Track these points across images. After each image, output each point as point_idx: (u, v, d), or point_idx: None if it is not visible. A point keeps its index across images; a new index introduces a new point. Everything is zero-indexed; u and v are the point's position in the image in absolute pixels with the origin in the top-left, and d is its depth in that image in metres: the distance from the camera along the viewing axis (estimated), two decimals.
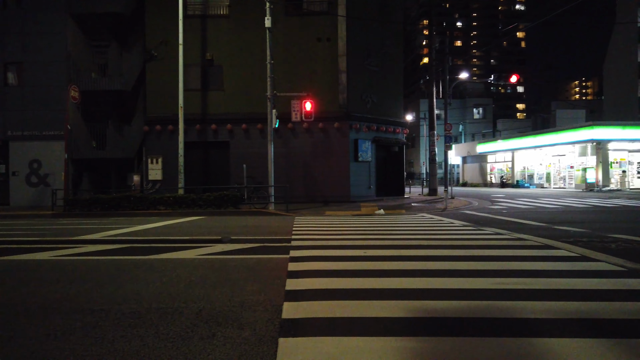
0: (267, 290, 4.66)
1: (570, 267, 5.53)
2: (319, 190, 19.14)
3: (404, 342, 3.16)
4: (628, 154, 28.80)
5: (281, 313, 3.86)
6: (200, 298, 4.39)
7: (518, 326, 3.45)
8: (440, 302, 4.11)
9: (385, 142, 21.42)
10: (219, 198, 15.28)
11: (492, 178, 40.55)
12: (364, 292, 4.45)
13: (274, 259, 6.32)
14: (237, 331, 3.45)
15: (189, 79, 18.40)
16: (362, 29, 19.79)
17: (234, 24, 19.24)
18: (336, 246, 7.38)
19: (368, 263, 5.89)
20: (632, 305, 3.93)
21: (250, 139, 19.13)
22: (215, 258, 6.51)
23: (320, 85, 18.75)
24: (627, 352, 2.93)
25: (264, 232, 9.75)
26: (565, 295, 4.25)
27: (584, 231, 8.98)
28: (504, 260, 5.96)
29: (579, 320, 3.56)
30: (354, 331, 3.39)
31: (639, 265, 5.56)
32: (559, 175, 32.54)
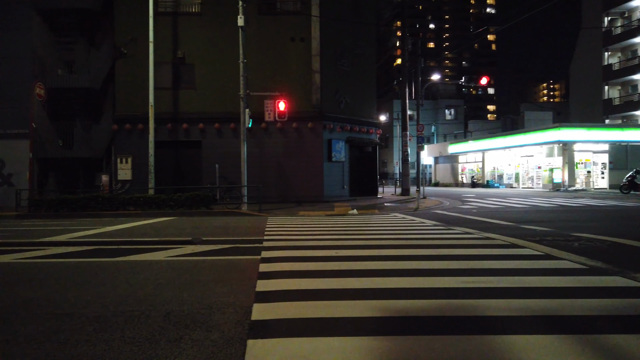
0: (237, 291, 4.62)
1: (535, 265, 5.68)
2: (292, 191, 19.11)
3: (373, 341, 3.19)
4: (592, 154, 29.76)
5: (251, 314, 3.84)
6: (168, 300, 4.33)
7: (484, 324, 3.53)
8: (409, 301, 4.16)
9: (359, 142, 21.55)
10: (190, 198, 15.08)
11: (463, 178, 41.29)
12: (335, 293, 4.46)
13: (245, 260, 6.28)
14: (205, 333, 3.41)
15: (159, 77, 18.09)
16: (335, 29, 19.85)
17: (206, 22, 19.02)
18: (308, 247, 7.38)
19: (340, 263, 5.92)
20: (592, 302, 4.06)
21: (223, 139, 18.94)
22: (185, 259, 6.42)
23: (293, 85, 18.72)
24: (587, 347, 3.02)
25: (236, 232, 9.68)
26: (529, 293, 4.36)
27: (549, 230, 9.23)
28: (472, 260, 6.08)
29: (542, 317, 3.66)
30: (324, 331, 3.40)
31: (599, 263, 5.75)
32: (527, 175, 33.37)
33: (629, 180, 23.56)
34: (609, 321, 3.54)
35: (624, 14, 42.06)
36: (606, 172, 29.65)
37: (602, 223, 10.60)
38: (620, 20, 42.46)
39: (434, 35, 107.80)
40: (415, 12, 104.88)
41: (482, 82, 24.89)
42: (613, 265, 5.57)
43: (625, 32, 41.37)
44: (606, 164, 29.69)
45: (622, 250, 6.82)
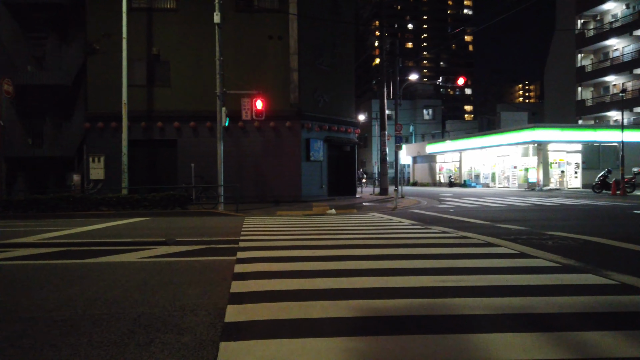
0: (211, 293, 4.52)
1: (510, 264, 5.73)
2: (270, 190, 18.97)
3: (348, 342, 3.14)
4: (566, 154, 30.42)
5: (224, 316, 3.75)
6: (139, 303, 4.20)
7: (459, 322, 3.52)
8: (386, 300, 4.13)
9: (337, 141, 21.54)
10: (165, 198, 14.81)
11: (441, 178, 41.75)
12: (311, 293, 4.41)
13: (220, 261, 6.17)
14: (176, 336, 3.31)
15: (133, 74, 17.73)
16: (313, 28, 19.79)
17: (181, 19, 18.73)
18: (285, 247, 7.30)
19: (316, 263, 5.86)
20: (565, 299, 4.10)
21: (199, 138, 18.69)
22: (158, 261, 6.27)
23: (271, 84, 18.59)
24: (560, 344, 3.03)
25: (212, 233, 9.53)
26: (504, 292, 4.38)
27: (523, 229, 9.36)
28: (449, 258, 6.10)
29: (516, 315, 3.67)
30: (299, 333, 3.34)
31: (573, 261, 5.84)
32: (503, 175, 33.92)
33: (601, 179, 24.14)
34: (581, 318, 3.58)
35: (596, 17, 43.18)
36: (579, 172, 30.34)
37: (575, 222, 10.80)
38: (592, 23, 43.56)
39: (412, 36, 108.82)
40: (394, 12, 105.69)
41: (459, 82, 25.20)
42: (586, 263, 5.65)
43: (597, 34, 42.46)
44: (579, 163, 30.39)
45: (595, 248, 6.94)
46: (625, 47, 40.49)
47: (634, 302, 4.03)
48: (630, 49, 39.76)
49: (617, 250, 6.69)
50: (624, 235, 8.18)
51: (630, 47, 39.74)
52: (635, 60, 38.31)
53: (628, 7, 39.94)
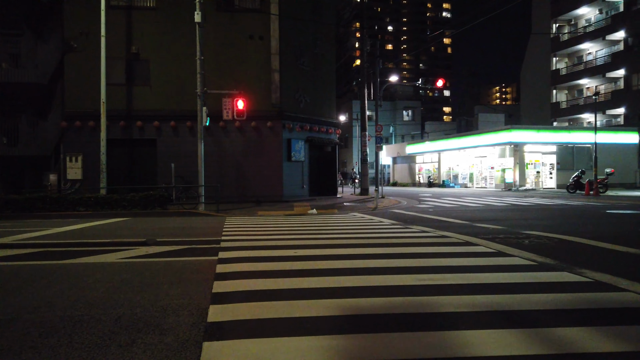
0: (192, 293, 4.51)
1: (488, 262, 5.85)
2: (251, 190, 18.92)
3: (331, 340, 3.18)
4: (542, 155, 31.06)
5: (207, 316, 3.76)
6: (120, 304, 4.17)
7: (438, 320, 3.59)
8: (366, 299, 4.19)
9: (319, 142, 21.60)
10: (145, 198, 14.64)
11: (420, 178, 42.17)
12: (293, 292, 4.44)
13: (201, 261, 6.15)
14: (158, 337, 3.31)
15: (112, 73, 17.48)
16: (294, 28, 19.81)
17: (161, 17, 18.53)
18: (267, 247, 7.31)
19: (298, 263, 5.89)
20: (541, 296, 4.22)
21: (179, 137, 18.52)
22: (138, 261, 6.22)
23: (253, 84, 18.54)
24: (535, 340, 3.13)
25: (193, 233, 9.47)
26: (482, 289, 4.48)
27: (501, 228, 9.55)
28: (428, 257, 6.20)
29: (493, 312, 3.76)
30: (282, 332, 3.37)
31: (548, 259, 5.99)
32: (481, 175, 34.45)
33: (575, 180, 24.73)
34: (558, 315, 3.69)
35: (571, 21, 44.22)
36: (554, 173, 31.02)
37: (551, 221, 11.07)
38: (567, 27, 44.59)
39: (392, 38, 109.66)
40: (374, 13, 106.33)
41: (438, 84, 25.51)
42: (561, 262, 5.81)
43: (571, 38, 43.48)
44: (554, 164, 31.06)
45: (569, 247, 7.13)
46: (598, 51, 41.57)
47: (607, 298, 4.16)
48: (603, 53, 40.83)
49: (590, 249, 6.89)
50: (597, 234, 8.42)
51: (603, 51, 40.81)
52: (608, 64, 39.35)
53: (601, 12, 41.01)
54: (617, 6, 39.12)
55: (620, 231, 9.08)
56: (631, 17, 36.70)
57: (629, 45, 37.28)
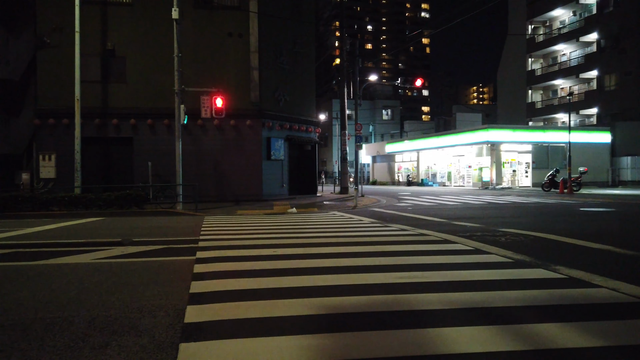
0: (169, 294, 4.44)
1: (466, 260, 5.91)
2: (230, 189, 18.76)
3: (309, 339, 3.16)
4: (517, 155, 31.62)
5: (184, 317, 3.70)
6: (94, 305, 4.08)
7: (417, 317, 3.61)
8: (346, 298, 4.18)
9: (298, 140, 21.55)
10: (121, 198, 14.37)
11: (400, 177, 42.48)
12: (272, 292, 4.40)
13: (178, 261, 6.06)
14: (133, 339, 3.24)
15: (87, 69, 17.09)
16: (274, 26, 19.71)
17: (138, 13, 18.20)
18: (246, 246, 7.25)
19: (277, 262, 5.85)
20: (517, 293, 4.28)
21: (156, 135, 18.23)
22: (113, 262, 6.09)
23: (231, 82, 18.38)
24: (511, 336, 3.16)
25: (170, 233, 9.34)
26: (459, 287, 4.52)
27: (478, 226, 9.68)
28: (407, 255, 6.23)
29: (471, 309, 3.80)
30: (260, 332, 3.33)
31: (524, 256, 6.09)
32: (458, 174, 34.90)
33: (550, 178, 25.25)
34: (532, 311, 3.74)
35: (546, 22, 45.11)
36: (530, 171, 31.62)
37: (526, 219, 11.26)
38: (542, 29, 45.49)
39: (372, 37, 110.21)
40: (354, 13, 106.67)
41: (417, 83, 25.73)
42: (536, 259, 5.91)
43: (546, 39, 44.37)
44: (530, 163, 31.66)
45: (544, 244, 7.26)
46: (572, 52, 42.51)
47: (581, 294, 4.24)
48: (576, 54, 41.78)
49: (564, 246, 7.03)
50: (571, 231, 8.60)
51: (577, 53, 41.76)
52: (582, 65, 40.28)
53: (575, 14, 41.96)
54: (590, 8, 40.07)
55: (593, 228, 9.30)
56: (604, 20, 37.64)
57: (602, 46, 38.24)
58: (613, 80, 37.43)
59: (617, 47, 36.61)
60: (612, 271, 5.14)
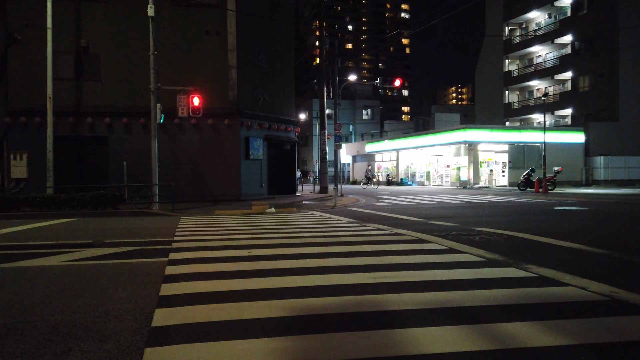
0: (138, 297, 4.34)
1: (440, 259, 5.95)
2: (208, 189, 18.56)
3: (278, 342, 3.13)
4: (494, 154, 32.07)
5: (151, 321, 3.62)
6: (59, 310, 3.96)
7: (388, 318, 3.60)
8: (319, 299, 4.15)
9: (278, 140, 21.46)
10: (95, 198, 14.08)
11: (380, 176, 42.68)
12: (244, 294, 4.35)
13: (150, 263, 5.94)
14: (97, 344, 3.15)
15: (60, 66, 16.69)
16: (252, 25, 19.56)
17: (113, 10, 17.85)
18: (221, 247, 7.17)
19: (252, 263, 5.79)
20: (488, 292, 4.31)
21: (132, 135, 17.91)
22: (82, 264, 5.94)
23: (209, 80, 18.17)
24: (481, 336, 3.18)
25: (144, 234, 9.17)
26: (432, 286, 4.54)
27: (454, 225, 9.76)
28: (382, 255, 6.23)
29: (442, 309, 3.81)
30: (229, 335, 3.28)
31: (497, 255, 6.16)
32: (437, 173, 35.23)
33: (525, 178, 25.68)
34: (501, 310, 3.77)
35: (522, 24, 45.87)
36: (506, 171, 32.09)
37: (501, 218, 11.41)
38: (519, 30, 46.24)
39: (352, 37, 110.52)
40: (334, 12, 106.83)
41: (396, 83, 25.88)
42: (508, 258, 5.98)
43: (523, 41, 45.13)
44: (506, 163, 32.14)
45: (517, 243, 7.35)
46: (547, 54, 43.32)
47: (549, 293, 4.30)
48: (552, 55, 42.59)
49: (537, 245, 7.13)
50: (544, 230, 8.74)
51: (552, 54, 42.57)
52: (557, 67, 41.07)
53: (550, 16, 42.76)
54: (565, 11, 40.87)
55: (565, 227, 9.47)
56: (578, 22, 38.45)
57: (576, 48, 39.05)
58: (587, 81, 38.28)
59: (590, 49, 37.44)
60: (581, 269, 5.23)
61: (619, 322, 3.46)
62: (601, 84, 36.67)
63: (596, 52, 36.83)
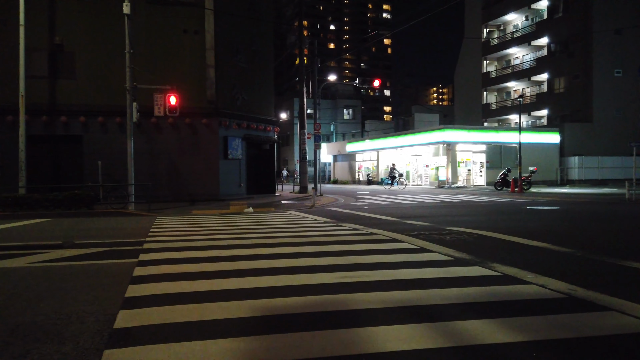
0: (103, 298, 4.32)
1: (409, 258, 6.04)
2: (186, 189, 18.41)
3: (240, 343, 3.15)
4: (472, 154, 32.48)
5: (114, 322, 3.61)
6: (20, 312, 3.92)
7: (351, 317, 3.66)
8: (285, 299, 4.19)
9: (257, 139, 21.40)
10: (69, 198, 13.86)
11: (360, 176, 42.87)
12: (210, 294, 4.36)
13: (119, 264, 5.90)
14: (56, 346, 3.13)
15: (33, 64, 16.39)
16: (231, 24, 19.47)
17: (88, 7, 17.54)
18: (193, 247, 7.14)
19: (222, 264, 5.80)
20: (451, 291, 4.40)
21: (107, 134, 17.66)
22: (50, 265, 5.87)
23: (187, 80, 18.01)
24: (439, 333, 3.25)
25: (117, 234, 9.08)
26: (398, 285, 4.61)
27: (427, 225, 9.89)
28: (353, 255, 6.30)
29: (405, 307, 3.88)
30: (192, 336, 3.29)
31: (465, 254, 6.27)
32: (416, 173, 35.54)
33: (502, 178, 26.10)
34: (462, 308, 3.86)
35: (500, 26, 46.59)
36: (484, 171, 32.55)
37: (475, 217, 11.59)
38: (497, 32, 46.96)
39: (334, 37, 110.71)
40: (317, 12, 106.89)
41: (375, 84, 26.04)
42: (476, 256, 6.09)
43: (500, 43, 45.85)
44: (484, 163, 32.60)
45: (486, 242, 7.50)
46: (524, 56, 44.08)
47: (512, 291, 4.41)
48: (529, 57, 43.35)
49: (505, 244, 7.28)
50: (515, 229, 8.92)
51: (529, 56, 43.33)
52: (533, 68, 41.83)
53: (527, 19, 43.52)
54: (541, 14, 41.64)
55: (536, 226, 9.67)
56: (554, 25, 39.21)
57: (552, 51, 39.82)
58: (562, 83, 39.07)
59: (565, 52, 38.23)
60: (544, 268, 5.37)
61: (573, 319, 3.58)
62: (576, 85, 37.48)
63: (571, 54, 37.63)
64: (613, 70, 36.16)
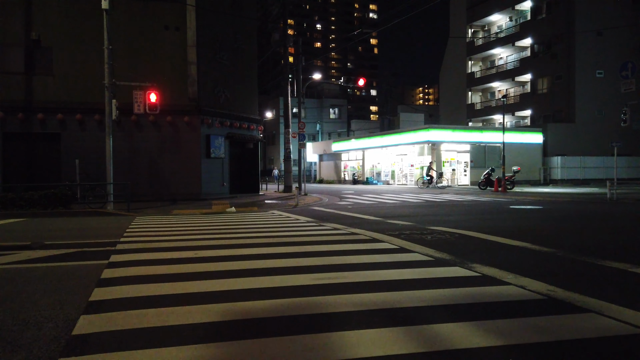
0: (66, 302, 4.11)
1: (388, 259, 5.91)
2: (167, 188, 18.11)
3: (206, 349, 2.99)
4: (457, 154, 32.63)
5: (73, 328, 3.41)
6: None
7: (324, 321, 3.51)
8: (255, 302, 4.03)
9: (240, 138, 21.16)
10: (45, 197, 13.49)
11: (346, 175, 42.81)
12: (179, 298, 4.18)
13: (88, 266, 5.67)
14: (8, 355, 2.94)
15: (8, 60, 15.99)
16: (213, 21, 19.20)
17: (66, 2, 17.14)
18: (168, 248, 6.94)
19: (196, 265, 5.61)
20: (429, 292, 4.28)
21: (86, 131, 17.28)
22: (13, 267, 5.62)
23: (168, 77, 17.72)
24: (412, 337, 3.13)
25: (91, 235, 8.81)
26: (375, 287, 4.48)
27: (409, 224, 9.80)
28: (331, 255, 6.15)
29: (380, 310, 3.75)
30: (154, 342, 3.12)
31: (445, 254, 6.17)
32: (402, 172, 35.58)
33: (486, 177, 26.21)
34: (439, 311, 3.74)
35: (485, 27, 46.90)
36: (468, 170, 32.71)
37: (457, 217, 11.54)
38: (481, 33, 47.26)
39: (321, 36, 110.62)
40: (303, 11, 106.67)
41: (360, 83, 25.94)
42: (456, 257, 6.00)
43: (485, 43, 46.15)
44: (468, 162, 32.76)
45: (467, 242, 7.41)
46: (508, 57, 44.43)
47: (490, 292, 4.31)
48: (513, 58, 43.70)
49: (486, 244, 7.20)
50: (496, 229, 8.86)
51: (513, 57, 43.68)
52: (517, 69, 42.17)
53: (511, 19, 43.86)
54: (525, 14, 41.99)
55: (518, 226, 9.64)
56: (537, 26, 39.56)
57: (535, 51, 40.18)
58: (545, 83, 39.44)
59: (548, 52, 38.59)
60: (525, 268, 5.28)
61: (552, 322, 3.48)
62: (558, 86, 37.86)
63: (554, 55, 37.99)
64: (595, 71, 36.58)
